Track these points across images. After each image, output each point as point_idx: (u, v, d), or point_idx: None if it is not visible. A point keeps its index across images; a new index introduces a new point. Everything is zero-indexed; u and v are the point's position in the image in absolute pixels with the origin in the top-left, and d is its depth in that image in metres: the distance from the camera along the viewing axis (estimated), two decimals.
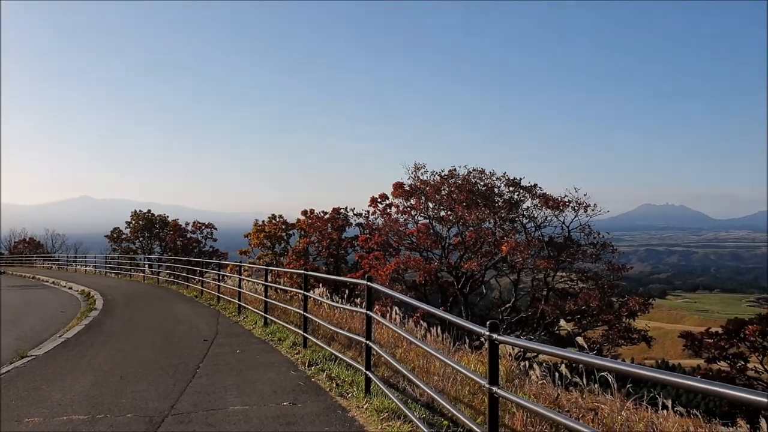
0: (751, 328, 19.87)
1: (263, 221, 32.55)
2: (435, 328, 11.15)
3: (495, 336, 4.31)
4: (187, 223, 42.38)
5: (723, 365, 20.36)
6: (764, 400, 2.31)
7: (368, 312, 7.58)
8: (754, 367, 19.96)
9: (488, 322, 4.38)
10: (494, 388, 4.29)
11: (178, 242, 41.05)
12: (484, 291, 25.47)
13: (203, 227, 41.89)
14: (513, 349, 11.56)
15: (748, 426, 6.82)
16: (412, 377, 6.44)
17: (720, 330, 20.81)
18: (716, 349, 20.00)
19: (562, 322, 9.50)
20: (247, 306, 15.50)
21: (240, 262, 20.88)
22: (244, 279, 17.43)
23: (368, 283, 7.58)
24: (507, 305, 23.22)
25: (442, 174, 24.50)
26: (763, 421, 7.12)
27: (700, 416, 7.84)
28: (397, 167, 73.22)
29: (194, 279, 23.50)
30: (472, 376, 4.94)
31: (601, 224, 23.85)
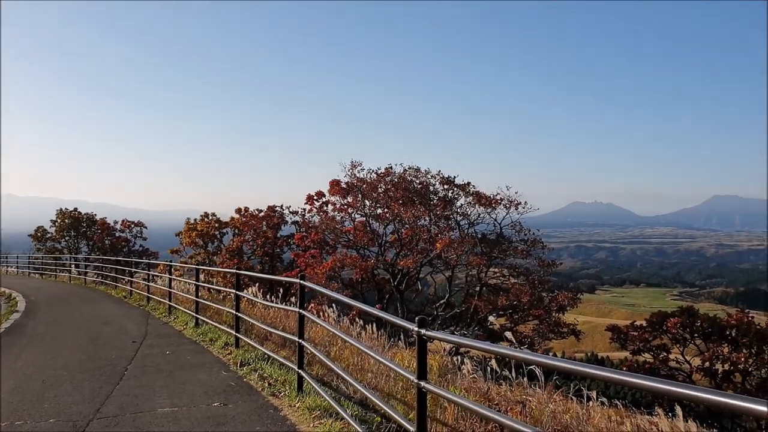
0: (673, 320, 20.69)
1: (196, 219, 31.88)
2: (370, 325, 11.21)
3: (423, 331, 4.37)
4: (115, 222, 41.05)
5: (647, 357, 21.15)
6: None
7: (301, 310, 7.55)
8: (676, 358, 20.81)
9: (417, 318, 4.45)
10: (422, 383, 4.35)
11: (107, 241, 39.72)
12: (420, 287, 25.73)
13: (133, 226, 40.68)
14: (447, 345, 11.73)
15: (666, 413, 7.14)
16: (345, 375, 6.45)
17: (644, 323, 21.62)
18: (641, 341, 20.76)
19: (491, 318, 9.68)
20: (178, 306, 15.17)
21: (171, 261, 20.41)
22: (174, 279, 17.05)
23: (301, 281, 7.55)
24: (441, 301, 23.52)
25: (379, 172, 24.61)
26: (678, 409, 7.48)
27: (621, 406, 8.18)
28: (334, 165, 73.12)
29: (123, 279, 22.84)
30: (401, 371, 5.00)
31: (532, 221, 24.45)
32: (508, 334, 8.91)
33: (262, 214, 28.94)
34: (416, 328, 4.40)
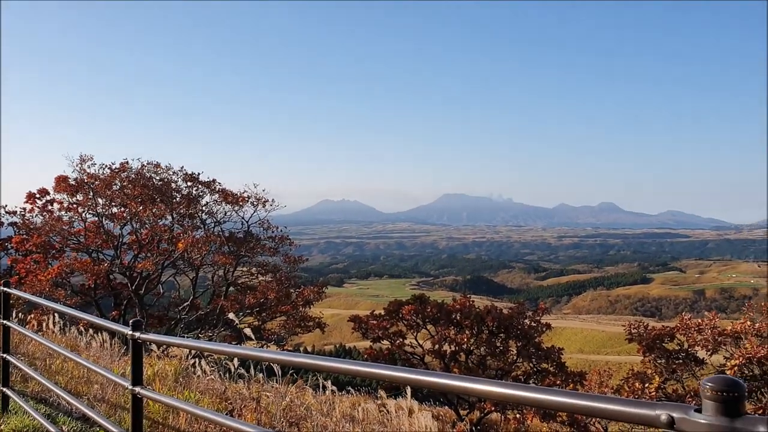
0: (408, 308, 22.25)
1: None
2: (100, 334, 10.50)
3: (138, 335, 4.10)
4: None
5: (386, 344, 22.48)
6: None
7: (6, 322, 6.68)
8: (410, 342, 22.44)
9: (131, 321, 4.16)
10: (137, 389, 4.07)
11: None
12: (162, 291, 24.44)
13: None
14: (186, 350, 11.32)
15: (388, 396, 7.68)
16: (58, 391, 5.84)
17: (383, 312, 22.98)
18: (379, 329, 22.03)
19: (231, 316, 9.52)
20: None
21: None
22: None
23: (5, 288, 6.69)
24: (185, 303, 22.64)
25: (113, 167, 22.77)
26: (409, 390, 8.08)
27: (364, 393, 8.60)
28: (60, 159, 66.17)
29: None
30: (116, 379, 4.64)
31: (284, 219, 24.70)
32: (248, 331, 8.85)
33: None
34: (130, 332, 4.10)
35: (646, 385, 15.25)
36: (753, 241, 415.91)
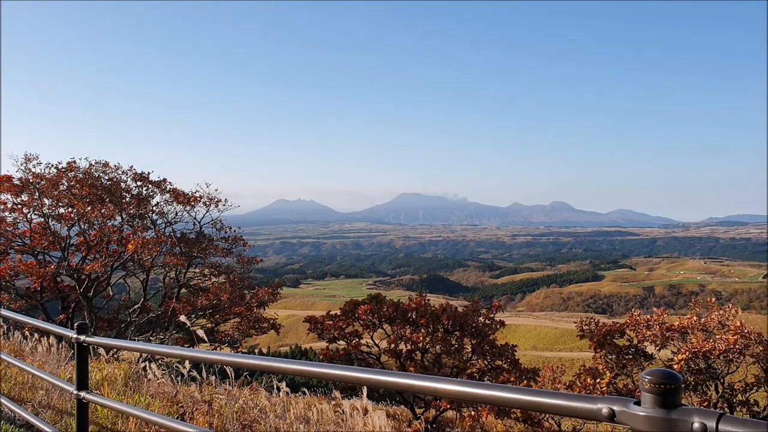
0: (363, 308, 22.24)
1: None
2: (46, 338, 10.20)
3: (83, 338, 4.00)
4: None
5: (342, 344, 22.45)
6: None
7: None
8: (366, 342, 22.46)
9: (76, 324, 4.05)
10: (82, 394, 3.98)
11: None
12: (111, 293, 23.87)
13: None
14: (136, 353, 11.10)
15: (344, 396, 7.67)
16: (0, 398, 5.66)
17: (339, 312, 22.93)
18: (335, 329, 21.97)
19: (183, 318, 9.37)
20: None
21: None
22: None
23: None
24: (136, 306, 22.16)
25: (60, 167, 22.14)
26: (365, 390, 8.07)
27: (307, 393, 8.56)
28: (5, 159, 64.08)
29: None
30: (60, 384, 4.52)
31: (238, 219, 24.45)
32: (201, 333, 8.69)
33: None
34: (75, 335, 4.00)
35: (598, 380, 15.58)
36: (699, 238, 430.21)
